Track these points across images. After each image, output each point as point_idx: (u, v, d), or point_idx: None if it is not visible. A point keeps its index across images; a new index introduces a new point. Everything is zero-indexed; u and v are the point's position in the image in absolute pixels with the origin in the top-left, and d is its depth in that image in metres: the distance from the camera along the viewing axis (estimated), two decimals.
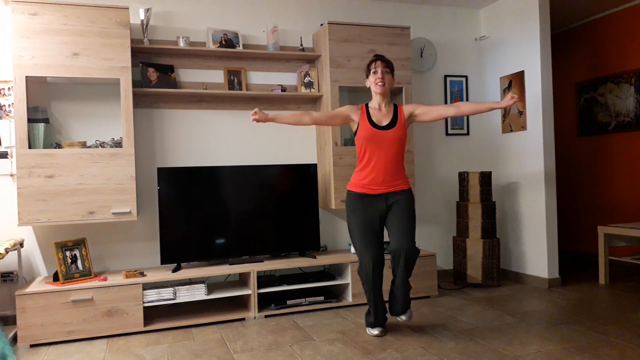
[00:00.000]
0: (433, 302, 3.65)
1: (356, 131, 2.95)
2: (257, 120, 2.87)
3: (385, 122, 2.91)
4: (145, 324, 3.18)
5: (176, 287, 3.26)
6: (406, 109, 2.96)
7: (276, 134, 3.99)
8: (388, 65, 2.92)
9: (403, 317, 3.01)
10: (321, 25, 3.91)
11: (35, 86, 3.35)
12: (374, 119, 2.92)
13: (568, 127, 5.39)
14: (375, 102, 2.97)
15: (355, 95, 4.18)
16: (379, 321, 2.98)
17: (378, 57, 2.93)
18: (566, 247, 5.44)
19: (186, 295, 3.29)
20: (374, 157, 2.89)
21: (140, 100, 3.62)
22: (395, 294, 2.95)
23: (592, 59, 5.10)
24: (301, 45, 3.97)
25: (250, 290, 3.38)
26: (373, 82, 2.92)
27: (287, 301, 3.47)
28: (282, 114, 2.96)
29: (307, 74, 3.90)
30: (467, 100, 4.57)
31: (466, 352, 2.64)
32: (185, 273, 3.33)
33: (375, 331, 2.98)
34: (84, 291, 3.03)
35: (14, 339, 2.99)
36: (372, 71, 2.92)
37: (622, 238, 4.18)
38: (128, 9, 3.28)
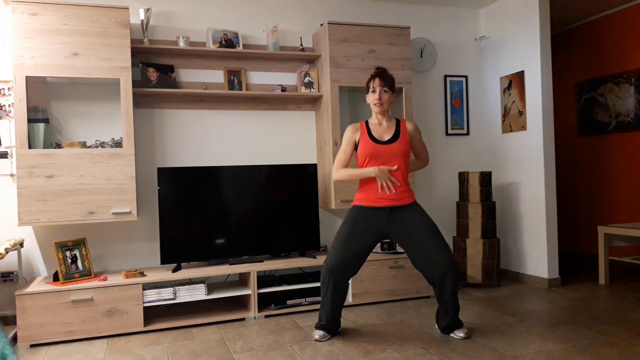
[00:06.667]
0: (433, 302, 3.65)
1: (357, 148, 2.90)
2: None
3: (387, 137, 2.86)
4: (145, 324, 3.18)
5: (176, 287, 3.26)
6: (409, 127, 2.92)
7: (276, 134, 3.99)
8: (387, 83, 2.85)
9: (461, 334, 2.85)
10: (321, 25, 3.91)
11: (35, 86, 3.35)
12: (374, 134, 2.87)
13: (568, 127, 5.39)
14: (375, 119, 2.94)
15: (355, 95, 4.18)
16: (328, 326, 2.93)
17: (377, 74, 2.86)
18: (566, 247, 5.44)
19: (186, 295, 3.29)
20: None
21: (140, 100, 3.62)
22: (447, 310, 2.86)
23: (592, 59, 5.10)
24: (301, 45, 3.97)
25: (250, 290, 3.38)
26: (372, 102, 2.89)
27: (287, 301, 3.47)
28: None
29: (307, 74, 3.90)
30: (466, 99, 4.58)
31: (466, 351, 2.64)
32: (185, 273, 3.33)
33: (316, 336, 2.90)
34: (84, 291, 3.03)
35: (14, 339, 3.00)
36: (370, 90, 2.88)
37: (622, 238, 4.18)
38: (128, 9, 3.28)
